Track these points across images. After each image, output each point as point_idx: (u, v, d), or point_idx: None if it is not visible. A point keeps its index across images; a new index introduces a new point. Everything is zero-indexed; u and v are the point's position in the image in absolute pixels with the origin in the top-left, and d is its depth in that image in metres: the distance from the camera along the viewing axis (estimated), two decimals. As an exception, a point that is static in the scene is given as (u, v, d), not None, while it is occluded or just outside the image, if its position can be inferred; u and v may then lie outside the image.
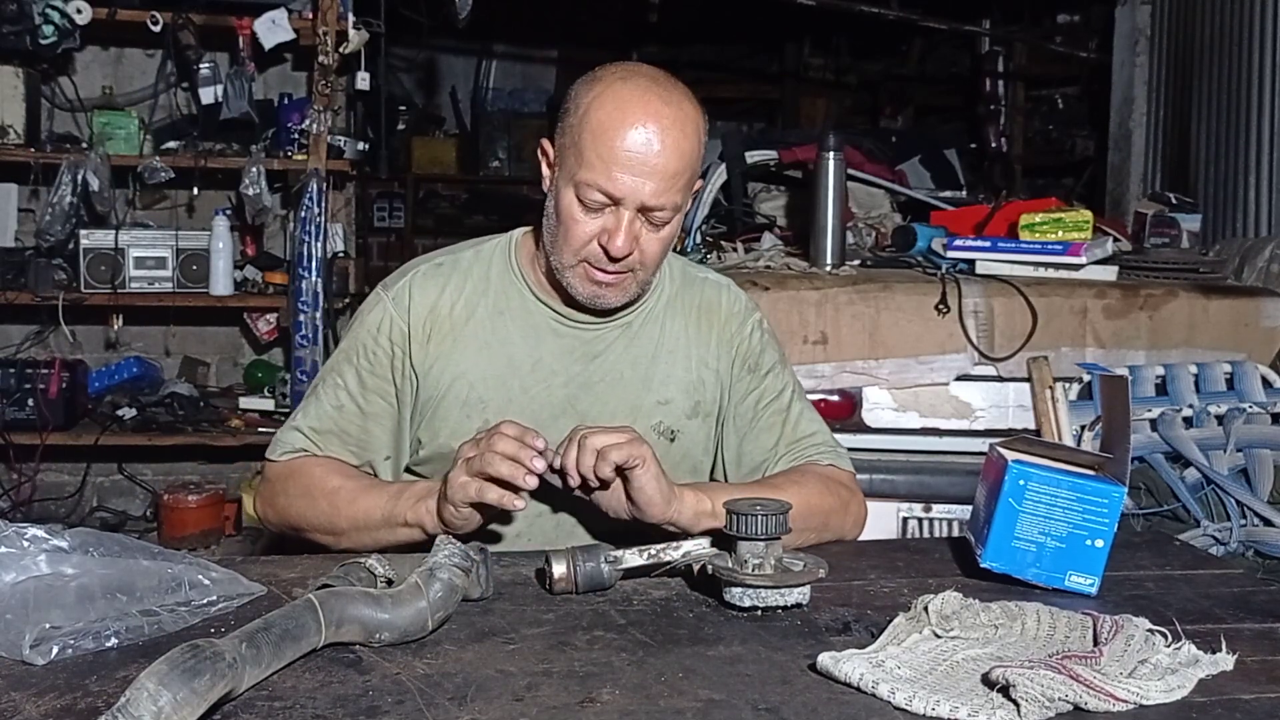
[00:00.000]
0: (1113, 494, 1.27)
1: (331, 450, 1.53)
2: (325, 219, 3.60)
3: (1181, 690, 0.98)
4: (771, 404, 1.62)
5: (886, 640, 1.06)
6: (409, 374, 1.54)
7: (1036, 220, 2.99)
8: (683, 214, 1.48)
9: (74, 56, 3.90)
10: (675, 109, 1.40)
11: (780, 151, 3.73)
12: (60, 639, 1.03)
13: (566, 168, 1.43)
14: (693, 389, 1.59)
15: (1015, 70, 6.05)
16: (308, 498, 1.48)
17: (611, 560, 1.24)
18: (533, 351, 1.54)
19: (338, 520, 1.45)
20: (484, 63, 7.55)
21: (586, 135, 1.39)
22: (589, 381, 1.54)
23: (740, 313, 1.64)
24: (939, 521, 2.77)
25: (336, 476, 1.49)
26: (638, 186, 1.38)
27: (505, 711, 0.95)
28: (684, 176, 1.41)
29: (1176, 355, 2.83)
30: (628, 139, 1.37)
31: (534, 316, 1.55)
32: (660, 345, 1.58)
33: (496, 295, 1.55)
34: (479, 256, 1.59)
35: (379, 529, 1.42)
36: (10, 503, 3.77)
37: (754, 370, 1.62)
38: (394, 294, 1.55)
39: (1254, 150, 3.73)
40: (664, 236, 1.45)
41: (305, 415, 1.55)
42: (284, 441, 1.54)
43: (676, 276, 1.63)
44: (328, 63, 3.58)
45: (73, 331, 3.82)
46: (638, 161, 1.37)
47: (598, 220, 1.42)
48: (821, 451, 1.61)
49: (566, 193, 1.42)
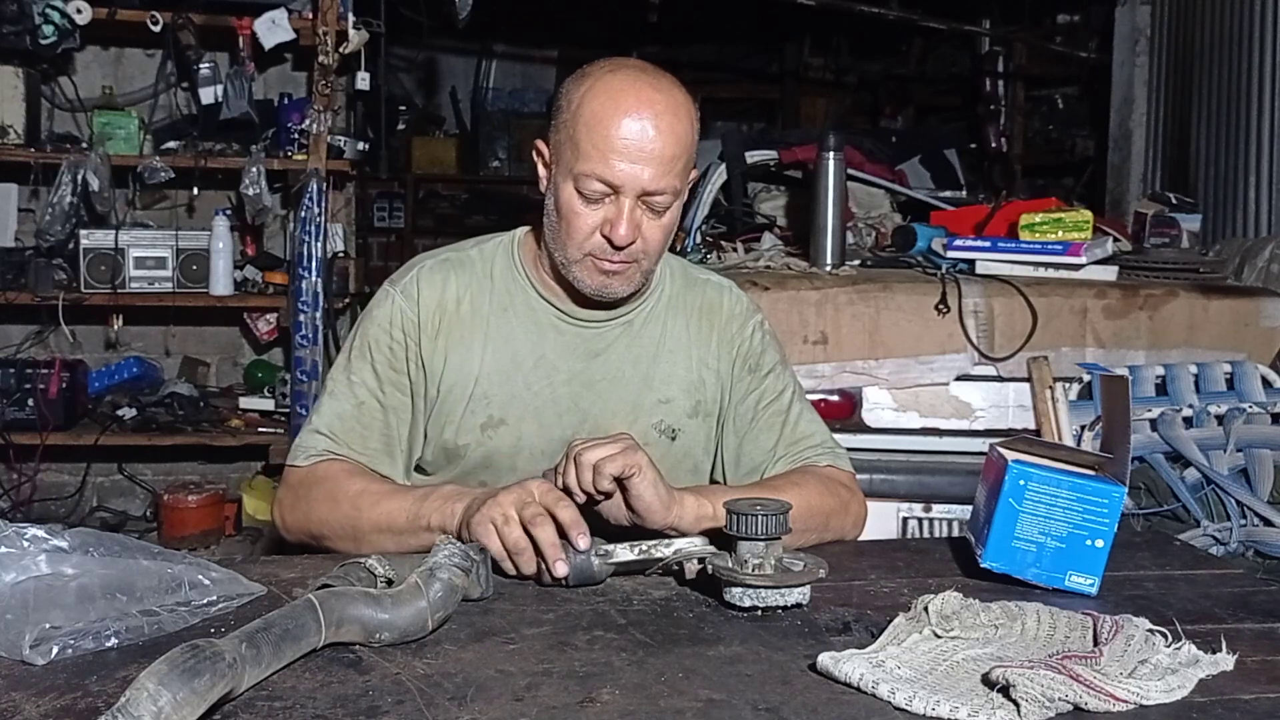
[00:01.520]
0: (1113, 494, 1.27)
1: (355, 448, 1.52)
2: (325, 219, 3.60)
3: (1182, 690, 0.98)
4: (771, 405, 1.62)
5: (887, 640, 1.06)
6: (420, 365, 1.54)
7: (1036, 220, 2.99)
8: (681, 202, 1.49)
9: (74, 56, 3.90)
10: (666, 95, 1.43)
11: (780, 151, 3.73)
12: (60, 639, 1.03)
13: (564, 163, 1.44)
14: (693, 388, 1.59)
15: (1015, 70, 6.05)
16: (330, 501, 1.47)
17: (602, 554, 1.25)
18: (536, 348, 1.55)
19: (360, 524, 1.44)
20: (484, 63, 7.56)
21: (581, 128, 1.41)
22: (591, 379, 1.55)
23: (741, 314, 1.65)
24: (939, 521, 2.77)
25: (360, 479, 1.48)
26: (636, 173, 1.40)
27: (505, 711, 0.95)
28: (680, 160, 1.43)
29: (1176, 355, 2.83)
30: (623, 127, 1.39)
31: (537, 313, 1.56)
32: (661, 345, 1.59)
33: (500, 292, 1.57)
34: (483, 254, 1.60)
35: (403, 533, 1.41)
36: (10, 503, 3.77)
37: (754, 371, 1.63)
38: (402, 288, 1.56)
39: (1254, 150, 3.73)
40: (665, 223, 1.46)
41: (323, 418, 1.54)
42: (305, 446, 1.53)
43: (678, 277, 1.64)
44: (328, 63, 3.58)
45: (73, 331, 3.81)
46: (634, 148, 1.39)
47: (599, 212, 1.43)
48: (820, 453, 1.61)
49: (566, 187, 1.44)
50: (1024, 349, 2.77)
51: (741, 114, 7.66)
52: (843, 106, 7.48)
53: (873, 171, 3.68)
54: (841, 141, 3.06)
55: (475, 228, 5.99)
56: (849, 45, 7.32)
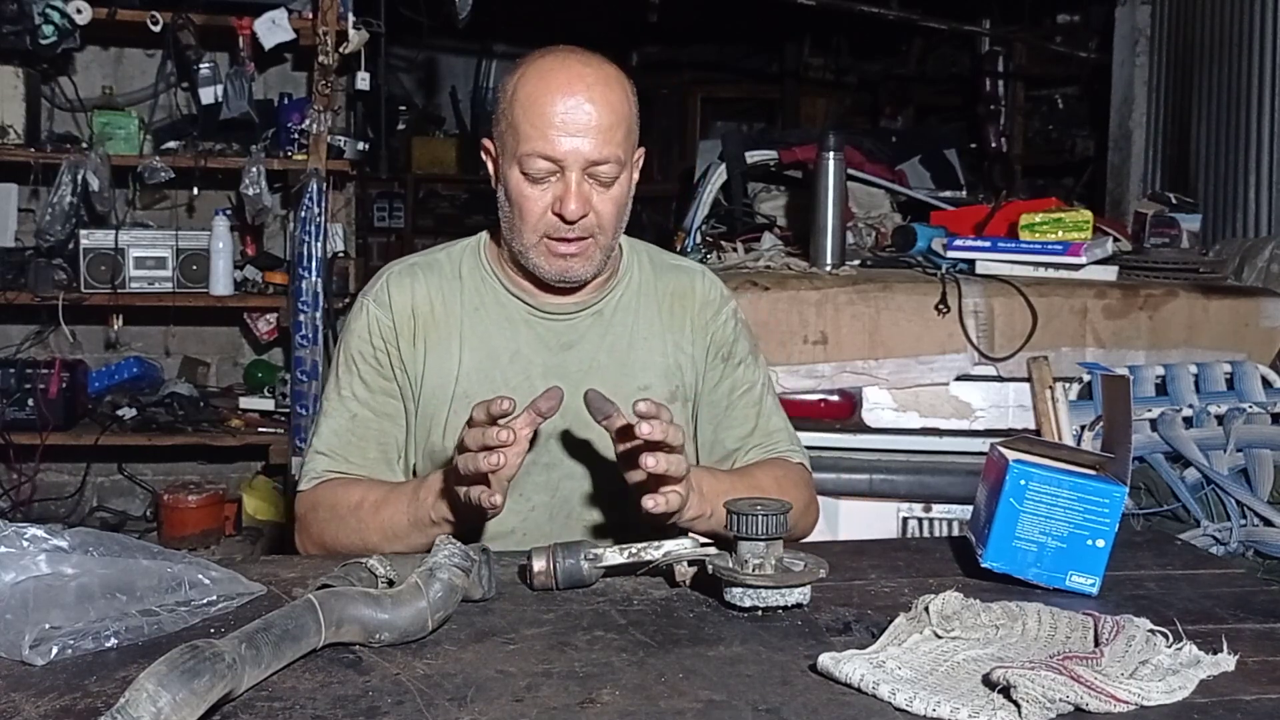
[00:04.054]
0: (1114, 494, 1.27)
1: (354, 460, 1.54)
2: (325, 219, 3.60)
3: (1183, 691, 0.98)
4: (745, 395, 1.65)
5: (887, 641, 1.06)
6: (404, 369, 1.56)
7: (1036, 220, 2.99)
8: (630, 177, 1.51)
9: (74, 56, 3.89)
10: (596, 69, 1.46)
11: (780, 151, 3.73)
12: (60, 639, 1.03)
13: (508, 150, 1.47)
14: (670, 373, 1.61)
15: (1015, 70, 6.05)
16: (336, 519, 1.49)
17: (591, 558, 1.25)
18: (510, 343, 1.57)
19: (368, 534, 1.45)
20: (484, 63, 7.56)
21: (518, 111, 1.44)
22: (565, 371, 1.55)
23: (715, 300, 1.66)
24: (939, 521, 2.77)
25: (357, 490, 1.49)
26: (577, 145, 1.42)
27: (505, 712, 0.95)
28: (620, 130, 1.45)
29: (1176, 355, 2.83)
30: (557, 103, 1.42)
31: (508, 309, 1.58)
32: (635, 332, 1.60)
33: (470, 291, 1.58)
34: (450, 257, 1.62)
35: (410, 534, 1.42)
36: (10, 503, 3.77)
37: (727, 359, 1.65)
38: (374, 296, 1.58)
39: (1254, 150, 3.73)
40: (615, 195, 1.48)
41: (321, 438, 1.56)
42: (307, 471, 1.55)
43: (647, 264, 1.66)
44: (328, 63, 3.58)
45: (73, 331, 3.81)
46: (571, 121, 1.42)
47: (547, 191, 1.45)
48: (791, 448, 1.65)
49: (512, 173, 1.47)
50: (1024, 349, 2.77)
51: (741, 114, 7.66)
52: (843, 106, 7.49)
53: (873, 171, 3.68)
54: (841, 141, 3.06)
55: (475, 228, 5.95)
56: (849, 45, 7.33)
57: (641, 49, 7.21)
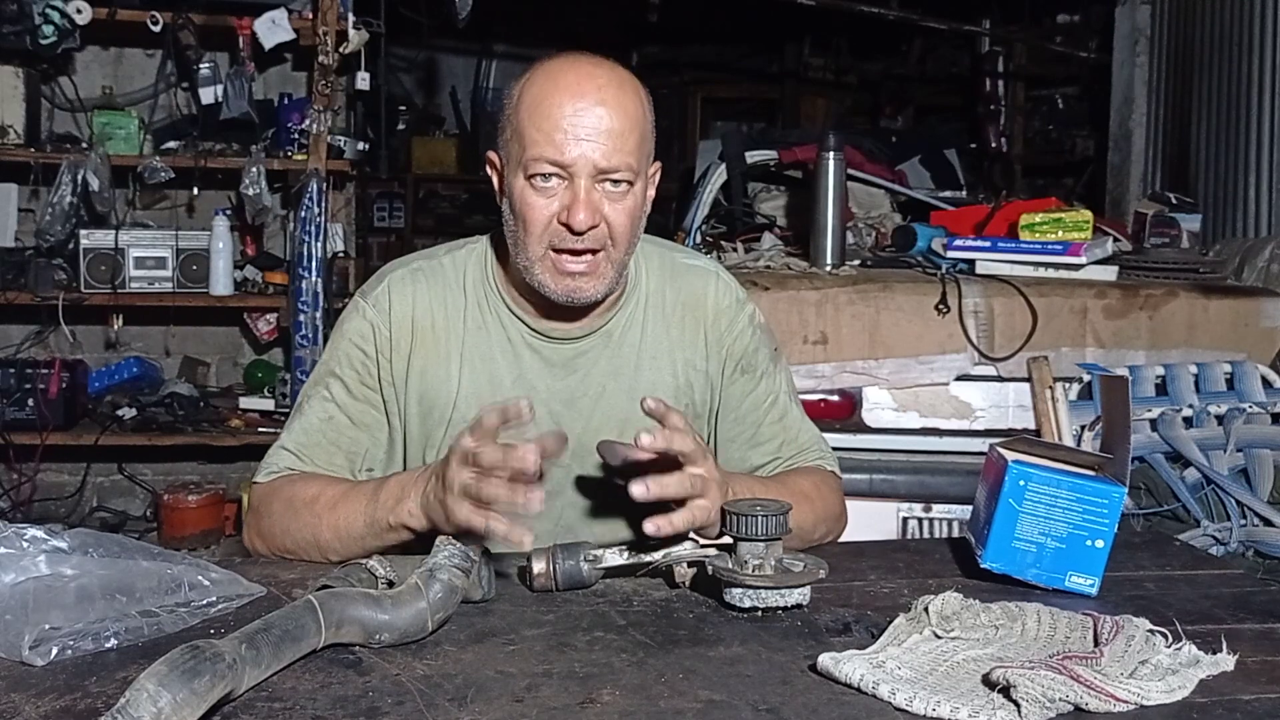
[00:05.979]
0: (1113, 494, 1.27)
1: (320, 465, 1.45)
2: (325, 219, 3.60)
3: (1182, 691, 0.98)
4: (770, 409, 1.56)
5: (887, 641, 1.06)
6: (392, 382, 1.47)
7: (1036, 220, 2.99)
8: (646, 190, 1.41)
9: (74, 56, 3.90)
10: (608, 70, 1.37)
11: (780, 151, 3.73)
12: (60, 640, 1.03)
13: (513, 159, 1.37)
14: (681, 394, 1.51)
15: (1015, 70, 6.05)
16: (290, 513, 1.38)
17: (591, 559, 1.24)
18: (513, 367, 1.47)
19: (320, 531, 1.35)
20: (484, 63, 7.56)
21: (524, 115, 1.35)
22: (571, 398, 1.48)
23: (730, 308, 1.55)
24: (939, 521, 2.77)
25: (314, 485, 1.40)
26: (587, 150, 1.32)
27: (505, 712, 0.95)
28: (633, 136, 1.35)
29: (1176, 355, 2.83)
30: (566, 106, 1.32)
31: (510, 331, 1.48)
32: (642, 352, 1.51)
33: (474, 308, 1.49)
34: (454, 262, 1.51)
35: (365, 537, 1.33)
36: (10, 503, 3.77)
37: (748, 371, 1.55)
38: (373, 300, 1.48)
39: (1254, 150, 3.73)
40: (628, 207, 1.37)
41: (291, 434, 1.47)
42: (269, 463, 1.46)
43: (655, 270, 1.54)
44: (328, 63, 3.58)
45: (73, 331, 3.81)
46: (581, 124, 1.32)
47: (554, 200, 1.35)
48: (820, 455, 1.59)
49: (518, 181, 1.36)
50: (1024, 349, 2.77)
51: (741, 114, 7.66)
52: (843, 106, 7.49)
53: (873, 171, 3.68)
54: (841, 141, 3.06)
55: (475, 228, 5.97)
56: (849, 45, 7.33)
57: (641, 49, 7.21)
